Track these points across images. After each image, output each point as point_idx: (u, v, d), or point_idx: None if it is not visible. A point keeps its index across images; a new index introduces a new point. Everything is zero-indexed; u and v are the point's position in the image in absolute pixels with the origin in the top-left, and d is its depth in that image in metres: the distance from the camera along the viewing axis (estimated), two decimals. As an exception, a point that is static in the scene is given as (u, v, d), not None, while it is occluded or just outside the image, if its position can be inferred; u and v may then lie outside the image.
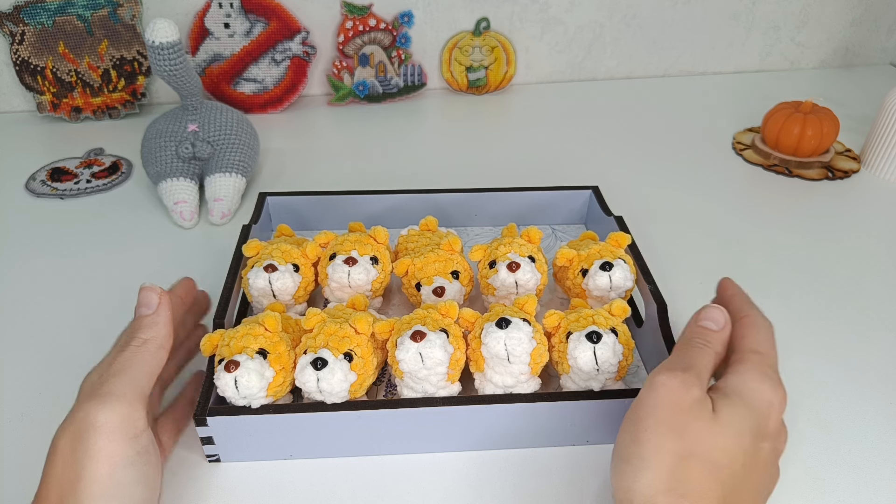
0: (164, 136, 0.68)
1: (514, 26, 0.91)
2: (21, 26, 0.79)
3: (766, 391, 0.35)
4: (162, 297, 0.39)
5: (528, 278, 0.48)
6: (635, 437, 0.34)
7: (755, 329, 0.38)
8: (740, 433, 0.33)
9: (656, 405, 0.34)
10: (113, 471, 0.33)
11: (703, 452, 0.32)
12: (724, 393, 0.35)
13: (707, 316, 0.39)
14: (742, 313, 0.40)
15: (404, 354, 0.40)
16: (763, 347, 0.37)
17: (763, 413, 0.34)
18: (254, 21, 0.83)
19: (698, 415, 0.33)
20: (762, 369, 0.36)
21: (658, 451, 0.33)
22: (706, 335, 0.38)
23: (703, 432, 0.33)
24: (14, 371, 0.50)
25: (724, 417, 0.33)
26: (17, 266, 0.61)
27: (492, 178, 0.72)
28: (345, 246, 0.50)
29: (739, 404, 0.34)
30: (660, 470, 0.32)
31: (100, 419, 0.34)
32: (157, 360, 0.38)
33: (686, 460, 0.32)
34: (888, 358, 0.52)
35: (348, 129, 0.85)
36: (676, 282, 0.58)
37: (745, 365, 0.36)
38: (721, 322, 0.38)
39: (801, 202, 0.71)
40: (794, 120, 0.74)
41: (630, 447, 0.34)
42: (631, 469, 0.33)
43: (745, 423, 0.34)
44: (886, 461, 0.44)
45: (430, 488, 0.42)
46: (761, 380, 0.35)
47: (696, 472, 0.32)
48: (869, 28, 1.00)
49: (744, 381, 0.35)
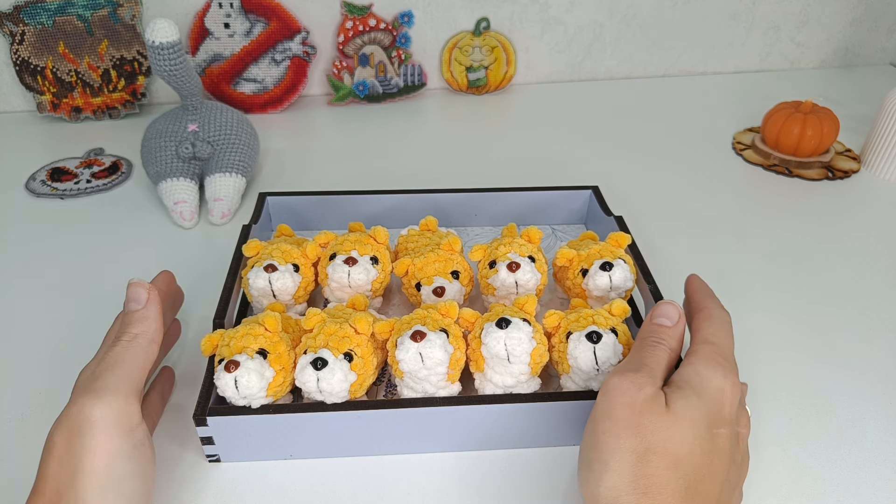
0: (164, 136, 0.68)
1: (514, 26, 0.91)
2: (21, 26, 0.79)
3: (716, 378, 0.36)
4: (151, 292, 0.40)
5: (528, 278, 0.48)
6: (594, 442, 0.35)
7: (709, 321, 0.39)
8: (693, 422, 0.34)
9: (611, 408, 0.35)
10: (110, 465, 0.34)
11: (659, 446, 0.33)
12: (677, 385, 0.36)
13: (661, 313, 0.40)
14: (700, 307, 0.41)
15: (404, 354, 0.41)
16: (716, 338, 0.38)
17: (715, 399, 0.35)
18: (254, 21, 0.83)
19: (652, 410, 0.34)
20: (712, 357, 0.37)
21: (616, 452, 0.33)
22: (659, 332, 0.39)
23: (657, 426, 0.33)
24: (14, 371, 0.50)
25: (676, 409, 0.34)
26: (17, 266, 0.61)
27: (492, 178, 0.72)
28: (345, 246, 0.50)
29: (691, 394, 0.35)
30: (620, 471, 0.33)
31: (95, 414, 0.34)
32: (149, 354, 0.38)
33: (644, 457, 0.33)
34: (888, 358, 0.52)
35: (348, 129, 0.85)
36: (676, 282, 0.57)
37: (696, 356, 0.37)
38: (675, 318, 0.40)
39: (801, 202, 0.71)
40: (794, 120, 0.74)
41: (590, 453, 0.35)
42: (594, 474, 0.34)
43: (697, 411, 0.34)
44: (886, 461, 0.44)
45: (430, 488, 0.42)
46: (712, 367, 0.36)
47: (655, 467, 0.32)
48: (869, 28, 1.00)
49: (694, 371, 0.36)
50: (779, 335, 0.54)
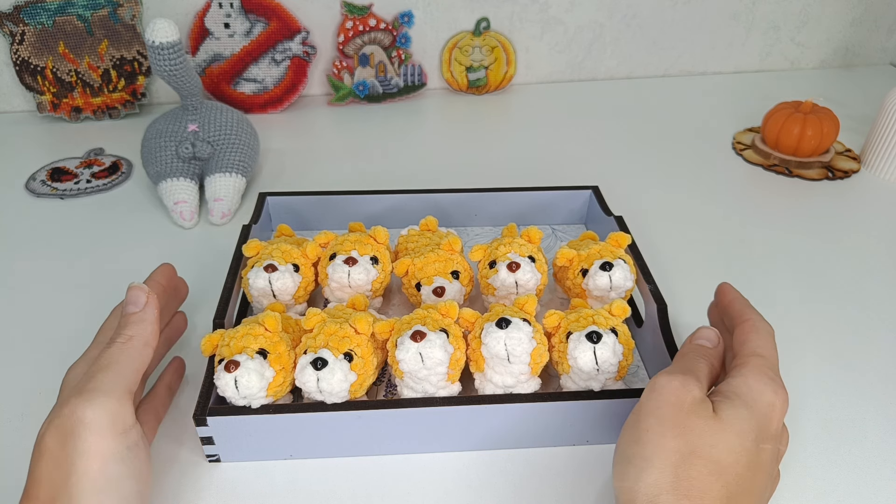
0: (164, 136, 0.68)
1: (514, 26, 0.91)
2: (21, 26, 0.79)
3: (767, 393, 0.35)
4: (150, 296, 0.40)
5: (528, 278, 0.48)
6: (637, 437, 0.34)
7: (756, 333, 0.39)
8: (742, 433, 0.33)
9: (658, 406, 0.34)
10: (104, 467, 0.33)
11: (705, 452, 0.32)
12: (725, 395, 0.35)
13: (701, 335, 0.40)
14: (743, 318, 0.40)
15: (404, 354, 0.41)
16: (764, 350, 0.38)
17: (765, 414, 0.34)
18: (254, 21, 0.83)
19: (699, 414, 0.34)
20: (763, 371, 0.36)
21: (660, 450, 0.33)
22: (701, 350, 0.39)
23: (704, 431, 0.33)
24: (14, 371, 0.50)
25: (725, 417, 0.34)
26: (17, 266, 0.61)
27: (492, 178, 0.72)
28: (345, 246, 0.50)
29: (740, 405, 0.34)
30: (663, 469, 0.32)
31: (88, 416, 0.34)
32: (143, 356, 0.38)
33: (688, 459, 0.32)
34: (888, 358, 0.52)
35: (348, 129, 0.85)
36: (676, 282, 0.58)
37: (747, 368, 0.36)
38: (715, 341, 0.40)
39: (801, 202, 0.71)
40: (794, 120, 0.74)
41: (632, 447, 0.34)
42: (634, 469, 0.33)
43: (746, 423, 0.34)
44: (886, 461, 0.44)
45: (430, 488, 0.42)
46: (763, 381, 0.35)
47: (699, 471, 0.32)
48: (869, 28, 1.00)
49: (745, 383, 0.35)
50: (778, 335, 0.53)
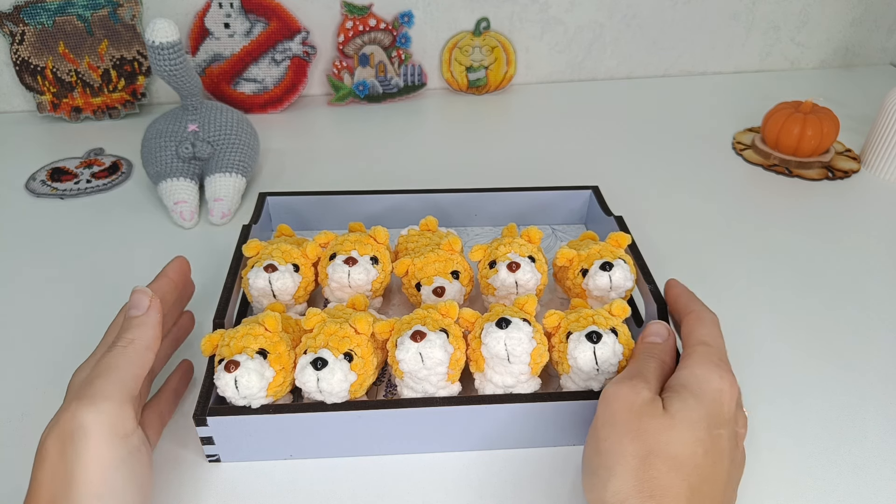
0: (164, 136, 0.68)
1: (514, 26, 0.91)
2: (21, 26, 0.79)
3: (713, 380, 0.36)
4: (153, 300, 0.40)
5: (528, 278, 0.48)
6: (597, 448, 0.35)
7: (700, 323, 0.40)
8: (693, 424, 0.34)
9: (611, 414, 0.35)
10: (104, 473, 0.33)
11: (661, 450, 0.33)
12: (674, 389, 0.36)
13: (651, 332, 0.41)
14: (688, 310, 0.42)
15: (404, 354, 0.41)
16: (709, 338, 0.39)
17: (714, 400, 0.35)
18: (254, 21, 0.83)
19: (651, 413, 0.34)
20: (708, 358, 0.37)
21: (619, 457, 0.34)
22: (651, 348, 0.40)
23: (657, 430, 0.34)
24: (14, 371, 0.50)
25: (674, 412, 0.34)
26: (17, 266, 0.61)
27: (492, 178, 0.72)
28: (345, 246, 0.50)
29: (688, 396, 0.35)
30: (625, 475, 0.33)
31: (88, 420, 0.34)
32: (144, 360, 0.38)
33: (647, 460, 0.33)
34: (888, 358, 0.52)
35: (348, 129, 0.85)
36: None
37: (692, 358, 0.38)
38: (664, 334, 0.41)
39: (801, 202, 0.71)
40: (794, 120, 0.74)
41: (594, 458, 0.35)
42: (599, 480, 0.34)
43: (695, 412, 0.34)
44: (886, 461, 0.44)
45: (430, 488, 0.42)
46: (708, 369, 0.36)
47: (658, 470, 0.33)
48: (869, 28, 1.00)
49: (691, 374, 0.36)
50: (778, 335, 0.54)
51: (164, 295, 0.43)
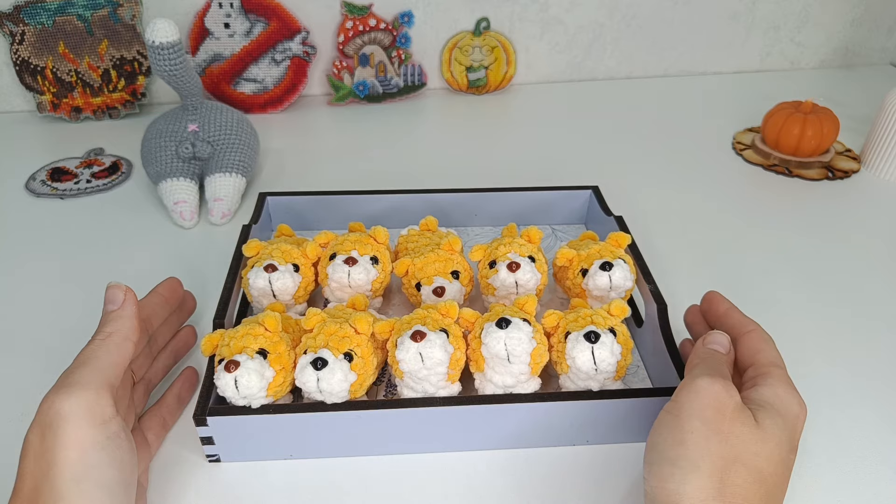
0: (164, 136, 0.68)
1: (514, 26, 0.91)
2: (21, 26, 0.79)
3: (794, 405, 0.36)
4: (127, 293, 0.40)
5: (528, 278, 0.48)
6: (680, 438, 0.34)
7: (766, 343, 0.40)
8: (780, 443, 0.34)
9: (702, 408, 0.34)
10: (83, 456, 0.34)
11: (749, 460, 0.33)
12: (759, 404, 0.35)
13: (714, 340, 0.40)
14: (746, 328, 0.41)
15: (404, 354, 0.41)
16: (780, 362, 0.39)
17: (794, 426, 0.35)
18: (254, 21, 0.83)
19: (743, 421, 0.34)
20: (788, 382, 0.37)
21: (706, 454, 0.33)
22: (719, 356, 0.39)
23: (748, 439, 0.33)
24: (14, 371, 0.50)
25: (766, 426, 0.34)
26: (17, 266, 0.61)
27: (492, 178, 0.72)
28: (345, 246, 0.50)
29: (776, 415, 0.35)
30: (710, 475, 0.32)
31: (65, 408, 0.34)
32: (123, 350, 0.38)
33: (733, 466, 0.33)
34: (888, 358, 0.52)
35: (348, 129, 0.85)
36: (676, 282, 0.58)
37: (773, 378, 0.37)
38: (727, 347, 0.40)
39: (801, 202, 0.71)
40: (794, 120, 0.74)
41: (675, 448, 0.34)
42: (679, 472, 0.33)
43: (783, 433, 0.34)
44: (886, 461, 0.44)
45: (430, 488, 0.42)
46: (791, 392, 0.36)
47: (743, 479, 0.32)
48: (869, 28, 1.00)
49: (775, 394, 0.36)
50: (778, 335, 0.53)
51: (153, 309, 0.45)
